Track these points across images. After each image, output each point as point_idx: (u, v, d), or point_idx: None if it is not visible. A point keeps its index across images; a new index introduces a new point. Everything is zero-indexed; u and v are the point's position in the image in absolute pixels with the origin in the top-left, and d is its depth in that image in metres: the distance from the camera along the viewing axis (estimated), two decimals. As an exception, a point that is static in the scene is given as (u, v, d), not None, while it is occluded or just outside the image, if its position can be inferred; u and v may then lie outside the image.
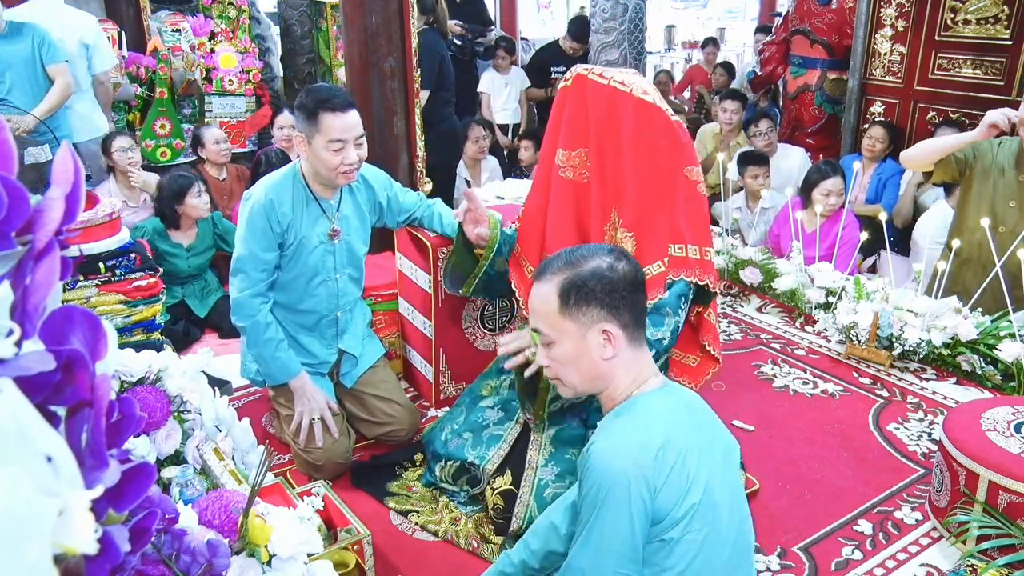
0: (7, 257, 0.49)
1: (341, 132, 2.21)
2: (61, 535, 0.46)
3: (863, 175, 4.56)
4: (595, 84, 2.07)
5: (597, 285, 1.38)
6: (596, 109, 2.07)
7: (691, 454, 1.32)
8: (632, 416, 1.38)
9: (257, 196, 2.30)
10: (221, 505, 1.37)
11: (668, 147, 2.05)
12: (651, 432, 1.32)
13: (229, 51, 5.25)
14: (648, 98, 2.03)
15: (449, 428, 2.38)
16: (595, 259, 1.42)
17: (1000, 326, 2.96)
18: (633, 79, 2.09)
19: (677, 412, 1.38)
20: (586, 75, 2.10)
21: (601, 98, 2.06)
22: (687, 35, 12.44)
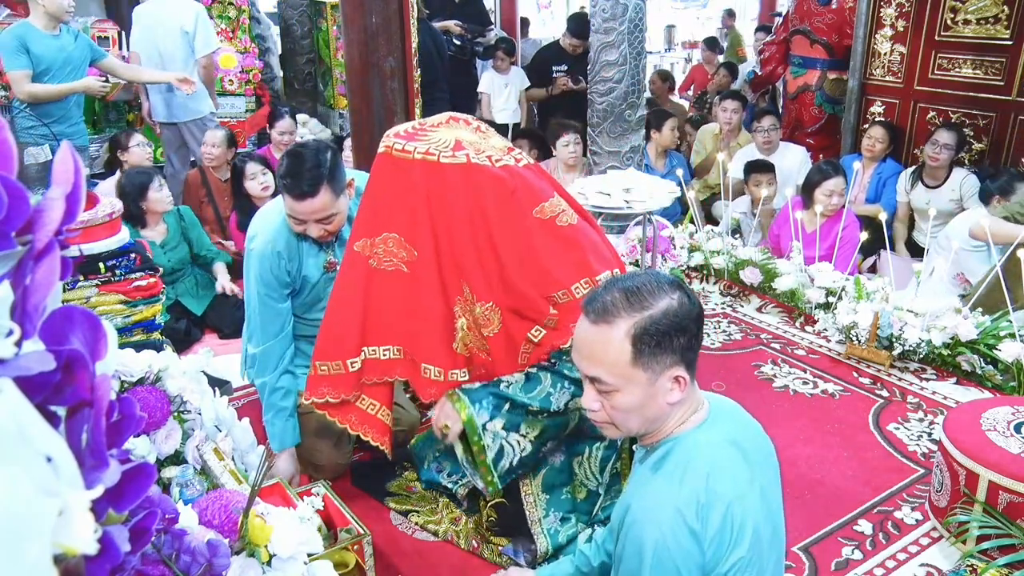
0: (7, 257, 0.49)
1: (297, 213, 2.13)
2: (61, 535, 0.46)
3: (863, 175, 4.56)
4: (400, 161, 1.86)
5: (671, 328, 1.22)
6: (408, 189, 1.87)
7: (736, 503, 1.21)
8: (671, 470, 1.26)
9: (260, 249, 2.25)
10: (221, 505, 1.37)
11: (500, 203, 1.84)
12: (694, 488, 1.21)
13: (229, 51, 5.25)
14: (459, 157, 1.82)
15: (430, 456, 2.36)
16: (662, 296, 1.24)
17: (1000, 326, 2.96)
18: (442, 136, 1.89)
19: (721, 452, 1.26)
20: (390, 151, 1.88)
21: (412, 176, 1.86)
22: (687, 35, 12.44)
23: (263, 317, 2.30)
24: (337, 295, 2.05)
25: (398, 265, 1.94)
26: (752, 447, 1.32)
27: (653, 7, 6.15)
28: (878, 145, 4.54)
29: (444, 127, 1.95)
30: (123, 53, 4.83)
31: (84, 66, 4.05)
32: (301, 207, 2.10)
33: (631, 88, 3.91)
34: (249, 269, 2.30)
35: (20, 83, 3.80)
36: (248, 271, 2.31)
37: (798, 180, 4.63)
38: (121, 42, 4.87)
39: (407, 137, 1.90)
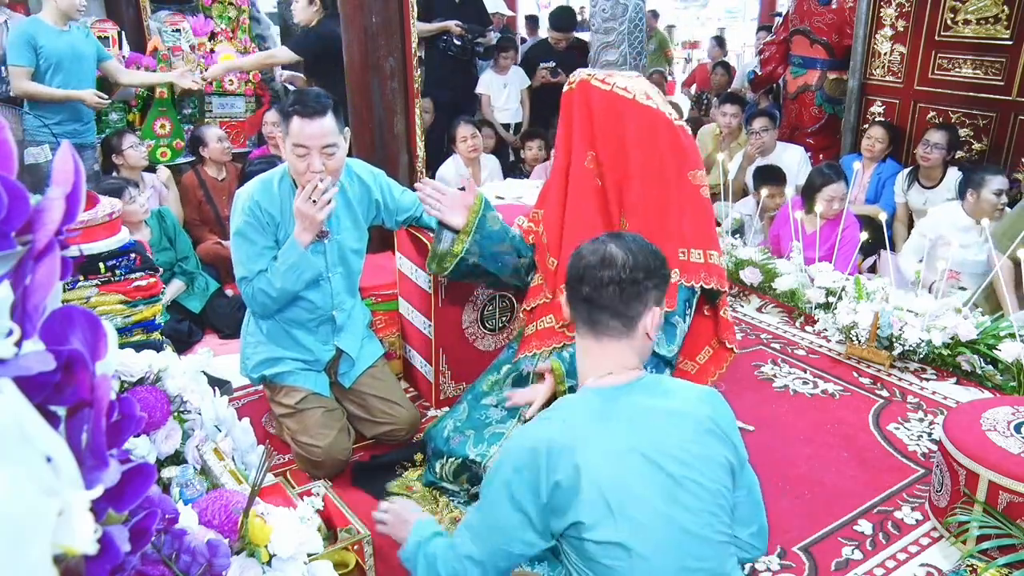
0: (7, 257, 0.49)
1: (304, 138, 2.18)
2: (61, 535, 0.46)
3: (863, 175, 4.56)
4: (598, 90, 2.10)
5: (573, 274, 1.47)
6: (600, 114, 2.10)
7: (588, 467, 1.30)
8: (552, 409, 1.46)
9: (242, 203, 2.32)
10: (221, 505, 1.37)
11: (671, 152, 2.07)
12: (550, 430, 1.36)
13: (229, 51, 5.24)
14: (651, 103, 2.05)
15: (451, 425, 2.38)
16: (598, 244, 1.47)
17: (1000, 326, 2.96)
18: (636, 84, 2.10)
19: (594, 414, 1.37)
20: (589, 80, 2.11)
21: (604, 104, 2.08)
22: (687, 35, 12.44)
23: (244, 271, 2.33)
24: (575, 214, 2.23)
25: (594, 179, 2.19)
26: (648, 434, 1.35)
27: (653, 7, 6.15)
28: (878, 145, 4.54)
29: (635, 79, 2.18)
30: (123, 53, 4.83)
31: (93, 62, 4.08)
32: (310, 128, 2.17)
33: (631, 88, 3.91)
34: (233, 231, 2.35)
35: (18, 79, 3.82)
36: (232, 225, 2.36)
37: (797, 180, 4.63)
38: (121, 42, 4.87)
39: (605, 75, 2.16)
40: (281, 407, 2.48)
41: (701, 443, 1.36)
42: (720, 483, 1.35)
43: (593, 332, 1.43)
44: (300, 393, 2.45)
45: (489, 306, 2.85)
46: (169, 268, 3.59)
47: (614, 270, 1.40)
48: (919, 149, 4.26)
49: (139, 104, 4.95)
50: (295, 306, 2.42)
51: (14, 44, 3.80)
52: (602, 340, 1.43)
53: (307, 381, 2.47)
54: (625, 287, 1.40)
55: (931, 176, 4.28)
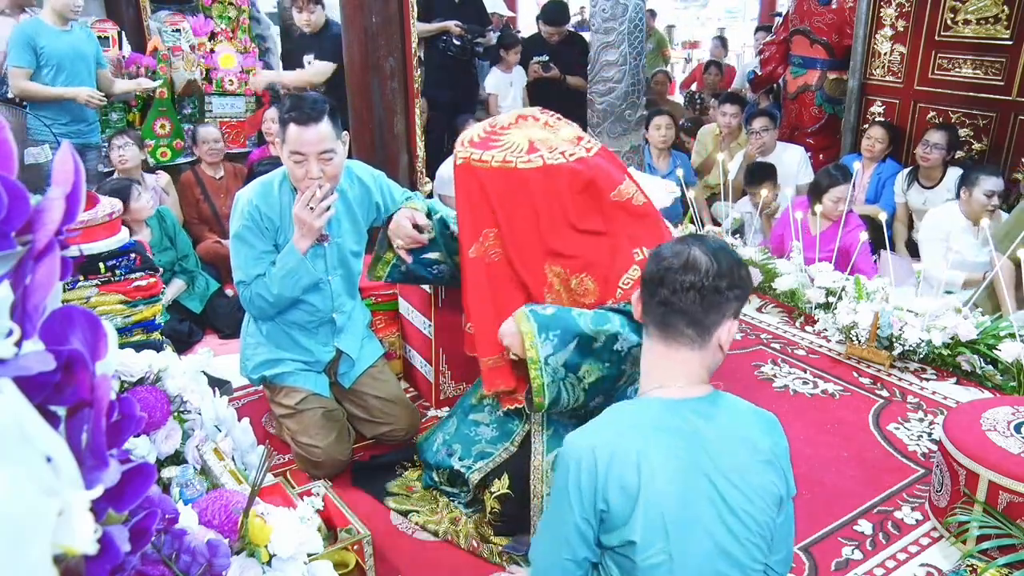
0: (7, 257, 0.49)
1: (300, 145, 2.17)
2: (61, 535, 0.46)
3: (863, 175, 4.56)
4: (481, 171, 1.96)
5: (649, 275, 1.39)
6: (493, 194, 1.97)
7: (653, 485, 1.25)
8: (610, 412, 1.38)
9: (242, 206, 2.33)
10: (221, 505, 1.38)
11: (578, 194, 1.95)
12: (614, 433, 1.31)
13: (229, 51, 5.24)
14: (535, 160, 1.92)
15: (440, 439, 2.36)
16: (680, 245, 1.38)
17: (1000, 326, 2.96)
18: (516, 141, 1.97)
19: (659, 428, 1.31)
20: (468, 161, 1.98)
21: (493, 183, 1.96)
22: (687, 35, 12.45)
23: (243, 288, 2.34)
24: (471, 302, 2.13)
25: (503, 255, 2.05)
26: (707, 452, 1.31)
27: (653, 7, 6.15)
28: (878, 145, 4.54)
29: (515, 128, 2.04)
30: (123, 53, 4.83)
31: (93, 62, 4.08)
32: (306, 135, 2.16)
33: (631, 88, 3.91)
34: (232, 235, 2.36)
35: (17, 79, 3.83)
36: (231, 238, 2.37)
37: (797, 180, 4.64)
38: (121, 42, 4.87)
39: (482, 145, 1.99)
40: (281, 408, 2.48)
41: (760, 473, 1.33)
42: (769, 514, 1.34)
43: (665, 338, 1.36)
44: (300, 394, 2.45)
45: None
46: (170, 268, 3.59)
47: (697, 275, 1.32)
48: (919, 149, 4.26)
49: (139, 104, 4.95)
50: (295, 308, 2.42)
51: (14, 45, 3.81)
52: (673, 347, 1.36)
53: (307, 382, 2.47)
54: (706, 294, 1.32)
55: (931, 176, 4.28)
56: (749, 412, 1.40)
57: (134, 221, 3.44)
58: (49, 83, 3.91)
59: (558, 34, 5.56)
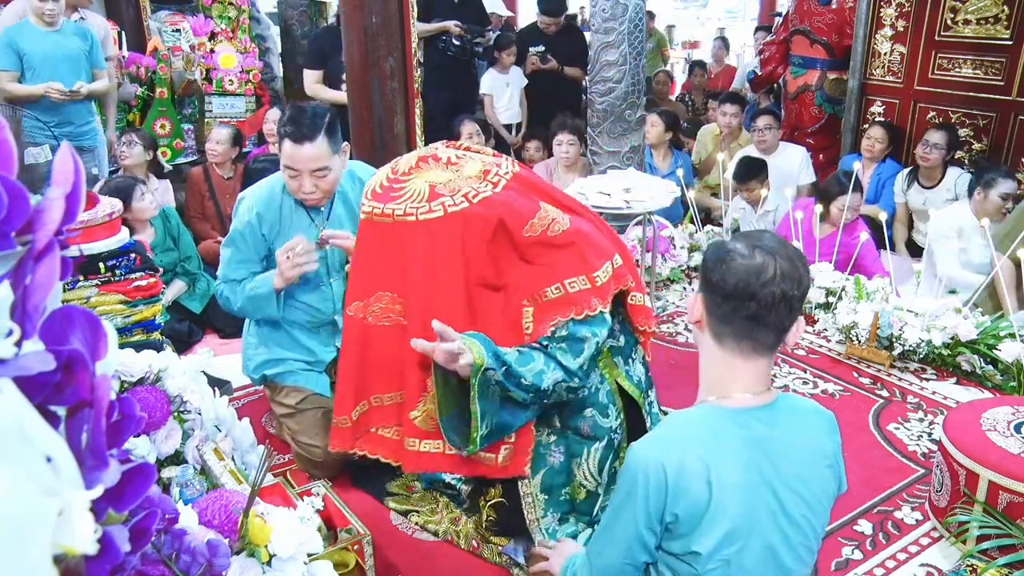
0: (7, 257, 0.49)
1: (293, 162, 2.18)
2: (61, 535, 0.46)
3: (863, 175, 4.56)
4: (381, 226, 1.85)
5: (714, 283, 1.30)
6: (392, 250, 1.87)
7: (723, 497, 1.24)
8: (678, 421, 1.35)
9: (243, 210, 2.33)
10: (221, 505, 1.38)
11: (484, 238, 1.83)
12: (685, 440, 1.29)
13: (229, 51, 5.25)
14: (436, 210, 1.80)
15: None
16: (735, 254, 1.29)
17: (1000, 326, 2.96)
18: (418, 187, 1.86)
19: (728, 438, 1.28)
20: (371, 216, 1.87)
21: (394, 238, 1.85)
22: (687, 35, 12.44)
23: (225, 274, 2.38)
24: (341, 357, 2.09)
25: (396, 319, 1.94)
26: (775, 464, 1.30)
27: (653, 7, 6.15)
28: (878, 145, 4.54)
29: (416, 172, 1.92)
30: (123, 53, 4.83)
31: (82, 63, 4.04)
32: (299, 153, 2.15)
33: (631, 88, 3.91)
34: (230, 231, 2.39)
35: (2, 83, 3.82)
36: (231, 229, 2.39)
37: (799, 181, 4.63)
38: (121, 42, 4.87)
39: (384, 197, 1.87)
40: (282, 407, 2.48)
41: (822, 478, 1.33)
42: (825, 518, 1.35)
43: (743, 350, 1.30)
44: (301, 393, 2.45)
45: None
46: (171, 268, 3.59)
47: (788, 286, 1.25)
48: (919, 149, 4.26)
49: (139, 104, 4.96)
50: (296, 310, 2.42)
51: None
52: (752, 358, 1.30)
53: (308, 382, 2.47)
54: (795, 304, 1.27)
55: (931, 176, 4.28)
56: (812, 413, 1.38)
57: (137, 221, 3.45)
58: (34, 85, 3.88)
59: (555, 24, 5.54)
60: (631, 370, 2.09)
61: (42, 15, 3.85)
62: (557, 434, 2.07)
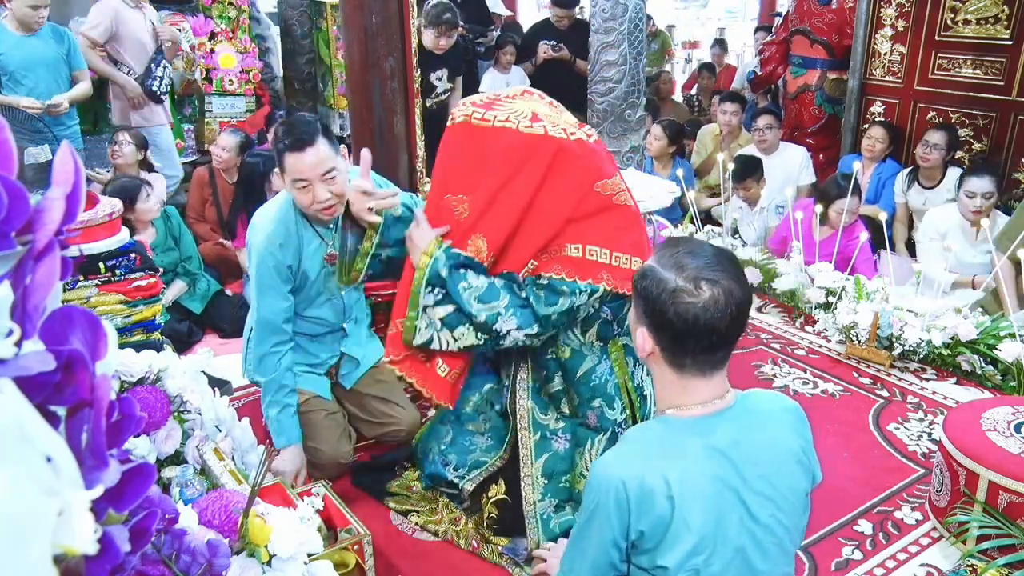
0: (7, 257, 0.49)
1: (301, 172, 2.10)
2: (61, 535, 0.46)
3: (863, 175, 4.56)
4: (479, 129, 1.95)
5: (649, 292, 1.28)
6: (485, 153, 1.95)
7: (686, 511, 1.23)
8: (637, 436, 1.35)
9: (261, 244, 2.25)
10: (221, 505, 1.37)
11: (566, 171, 1.91)
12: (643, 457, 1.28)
13: (229, 51, 5.25)
14: (536, 128, 1.90)
15: (436, 448, 2.34)
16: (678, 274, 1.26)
17: (1000, 326, 2.96)
18: (520, 108, 1.97)
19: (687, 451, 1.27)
20: (469, 119, 1.96)
21: (488, 142, 1.94)
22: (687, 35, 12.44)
23: (264, 314, 2.30)
24: (407, 264, 2.09)
25: (456, 219, 2.02)
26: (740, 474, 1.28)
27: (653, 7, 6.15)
28: (878, 145, 4.54)
29: (520, 99, 2.03)
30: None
31: (61, 67, 3.98)
32: (305, 160, 2.08)
33: (631, 88, 3.91)
34: (251, 265, 2.32)
35: None
36: (250, 269, 2.33)
37: (799, 181, 4.63)
38: (121, 42, 4.87)
39: (485, 106, 1.98)
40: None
41: (791, 475, 1.32)
42: (797, 515, 1.33)
43: (704, 371, 1.29)
44: (303, 396, 2.45)
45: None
46: (172, 269, 3.59)
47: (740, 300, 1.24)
48: (919, 150, 4.26)
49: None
50: (306, 322, 2.42)
51: None
52: (712, 374, 1.30)
53: (309, 384, 2.47)
54: (742, 321, 1.27)
55: (931, 176, 4.28)
56: (776, 411, 1.37)
57: (139, 221, 3.45)
58: (11, 90, 3.82)
59: (567, 18, 5.52)
60: (636, 372, 2.10)
61: (33, 23, 3.79)
62: (565, 421, 2.09)
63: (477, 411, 2.26)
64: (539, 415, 2.10)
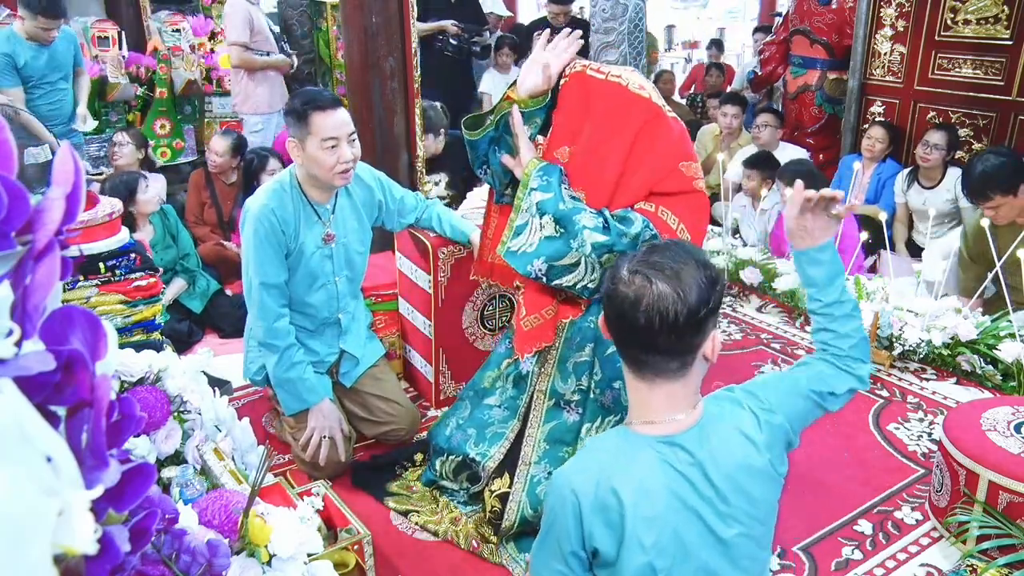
0: (7, 257, 0.49)
1: (333, 129, 2.19)
2: (61, 535, 0.46)
3: (863, 175, 4.56)
4: (592, 80, 2.07)
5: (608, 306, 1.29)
6: (594, 103, 2.07)
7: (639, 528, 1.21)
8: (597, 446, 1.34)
9: (257, 210, 2.28)
10: (221, 505, 1.37)
11: (663, 140, 2.04)
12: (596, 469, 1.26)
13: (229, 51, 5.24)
14: (644, 93, 2.03)
15: (454, 423, 2.37)
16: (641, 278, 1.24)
17: (1000, 326, 2.96)
18: (630, 75, 2.08)
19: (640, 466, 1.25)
20: (585, 70, 2.10)
21: (600, 93, 2.06)
22: (687, 35, 12.44)
23: (264, 279, 2.29)
24: None
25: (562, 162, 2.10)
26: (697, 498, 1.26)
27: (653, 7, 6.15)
28: (878, 145, 4.54)
29: (628, 71, 2.14)
30: (123, 53, 4.83)
31: (70, 65, 4.08)
32: (336, 117, 2.19)
33: (631, 88, 3.90)
34: (245, 238, 2.31)
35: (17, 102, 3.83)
36: (245, 241, 2.32)
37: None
38: (121, 42, 4.87)
39: (600, 64, 2.12)
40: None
41: (758, 483, 1.29)
42: (766, 525, 1.32)
43: (645, 376, 1.27)
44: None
45: (489, 306, 2.85)
46: (171, 267, 3.59)
47: (669, 313, 1.19)
48: (919, 150, 4.26)
49: (139, 104, 4.96)
50: (300, 314, 2.42)
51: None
52: (657, 384, 1.26)
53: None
54: (685, 329, 1.21)
55: (931, 176, 4.28)
56: (738, 429, 1.31)
57: (140, 215, 3.45)
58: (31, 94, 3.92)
59: (564, 14, 5.52)
60: None
61: (44, 40, 3.85)
62: (581, 394, 2.11)
63: (494, 386, 2.31)
64: (559, 382, 2.13)
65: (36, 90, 3.93)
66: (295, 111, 2.21)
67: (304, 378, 2.36)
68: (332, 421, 2.38)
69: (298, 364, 2.35)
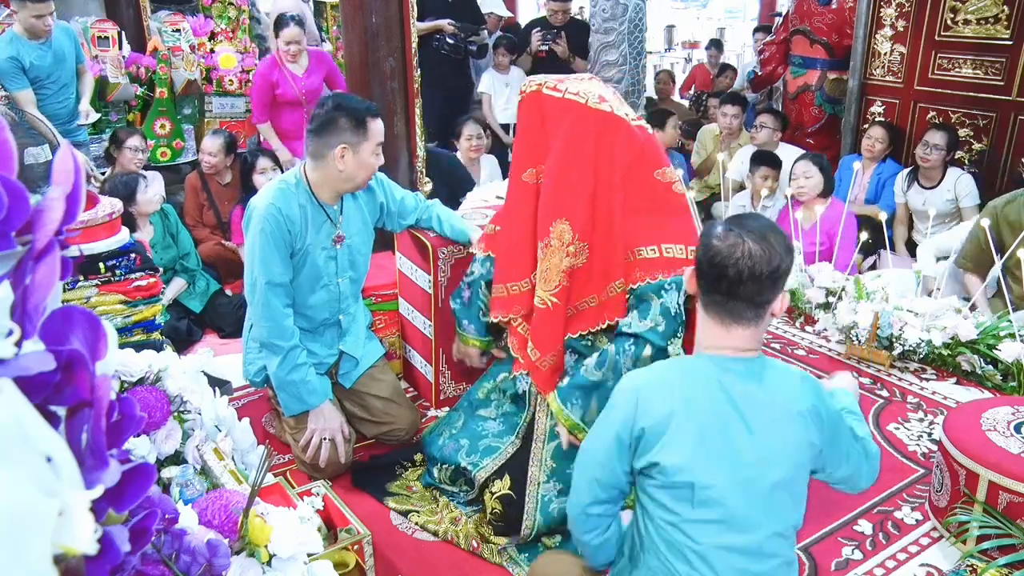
0: (7, 257, 0.49)
1: (381, 135, 2.31)
2: (61, 535, 0.46)
3: (863, 175, 4.56)
4: (550, 99, 2.06)
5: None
6: (552, 124, 2.06)
7: (686, 424, 1.41)
8: (664, 364, 1.58)
9: (263, 209, 2.26)
10: (221, 505, 1.37)
11: (628, 153, 2.01)
12: (661, 376, 1.49)
13: (229, 51, 5.24)
14: (604, 106, 2.00)
15: (447, 433, 2.38)
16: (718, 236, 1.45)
17: (1000, 326, 2.96)
18: (589, 88, 2.06)
19: (701, 378, 1.45)
20: (541, 89, 2.08)
21: (555, 112, 2.05)
22: (687, 35, 12.44)
23: (269, 277, 2.28)
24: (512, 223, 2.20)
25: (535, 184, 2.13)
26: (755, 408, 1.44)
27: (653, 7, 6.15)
28: (878, 145, 4.54)
29: (588, 81, 2.14)
30: (123, 53, 4.83)
31: (72, 61, 4.08)
32: (381, 124, 2.31)
33: (631, 88, 3.91)
34: (250, 238, 2.29)
35: (26, 104, 3.84)
36: (250, 241, 2.29)
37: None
38: (121, 42, 4.87)
39: (557, 81, 2.10)
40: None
41: (792, 428, 1.44)
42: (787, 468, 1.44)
43: (723, 321, 1.46)
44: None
45: (489, 306, 2.85)
46: (171, 266, 3.59)
47: (756, 267, 1.40)
48: (919, 150, 4.26)
49: (139, 104, 4.95)
50: (300, 315, 2.42)
51: (6, 74, 3.79)
52: (732, 328, 1.46)
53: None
54: (765, 282, 1.41)
55: (931, 176, 4.28)
56: (796, 376, 1.51)
57: (140, 215, 3.45)
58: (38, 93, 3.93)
59: (564, 12, 5.52)
60: None
61: (40, 32, 3.84)
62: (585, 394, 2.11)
63: (489, 398, 2.31)
64: None
65: (44, 90, 3.93)
66: (354, 116, 2.23)
67: (306, 380, 2.35)
68: (333, 423, 2.38)
69: (301, 366, 2.34)
